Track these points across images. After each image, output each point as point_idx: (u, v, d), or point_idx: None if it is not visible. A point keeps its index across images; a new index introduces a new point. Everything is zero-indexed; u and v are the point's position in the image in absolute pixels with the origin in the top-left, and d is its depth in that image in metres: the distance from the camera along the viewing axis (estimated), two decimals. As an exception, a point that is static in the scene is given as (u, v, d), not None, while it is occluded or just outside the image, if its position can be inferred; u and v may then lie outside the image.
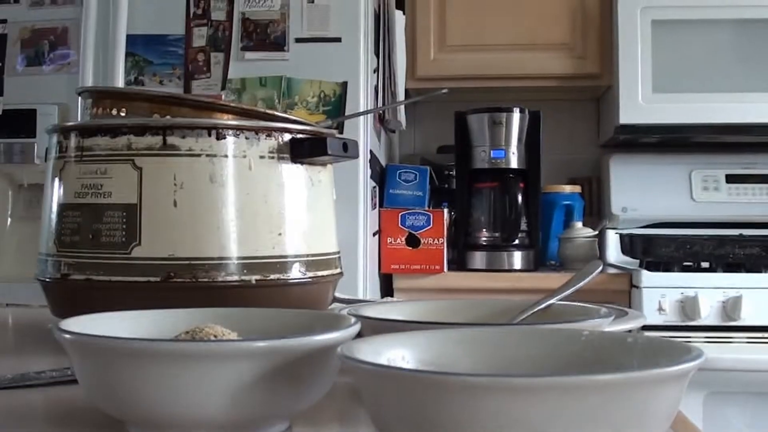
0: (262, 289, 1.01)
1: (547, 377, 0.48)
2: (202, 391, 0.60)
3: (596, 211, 3.49)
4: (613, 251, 3.28)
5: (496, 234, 3.00)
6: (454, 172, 3.13)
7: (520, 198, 2.93)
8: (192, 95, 2.69)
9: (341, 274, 1.15)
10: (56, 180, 1.06)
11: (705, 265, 2.90)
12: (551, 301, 0.88)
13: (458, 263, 3.02)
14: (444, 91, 1.59)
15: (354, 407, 0.77)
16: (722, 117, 2.95)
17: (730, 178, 3.30)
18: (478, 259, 2.99)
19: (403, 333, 0.67)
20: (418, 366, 0.62)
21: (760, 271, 2.71)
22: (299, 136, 1.06)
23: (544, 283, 2.76)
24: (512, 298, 0.99)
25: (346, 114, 2.69)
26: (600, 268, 0.94)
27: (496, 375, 0.50)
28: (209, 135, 1.00)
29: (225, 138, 1.01)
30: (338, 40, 2.76)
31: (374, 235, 2.84)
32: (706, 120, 2.97)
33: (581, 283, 0.91)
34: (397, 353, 0.62)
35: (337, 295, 1.25)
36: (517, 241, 2.98)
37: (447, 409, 0.48)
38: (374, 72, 2.90)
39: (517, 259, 2.98)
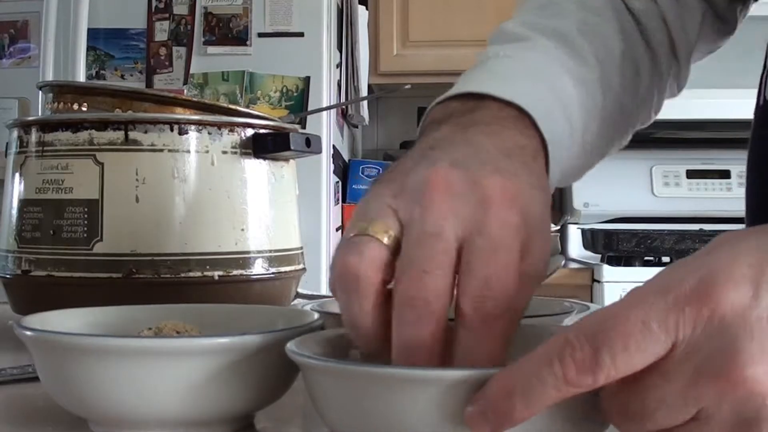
0: (225, 285, 1.01)
1: (462, 371, 0.48)
2: (164, 387, 0.60)
3: (558, 205, 3.51)
4: (575, 246, 3.30)
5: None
6: (417, 168, 3.13)
7: (482, 193, 2.94)
8: (154, 90, 2.68)
9: (304, 269, 1.14)
10: (17, 175, 1.05)
11: (666, 259, 2.93)
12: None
13: (421, 258, 3.02)
14: (407, 86, 1.59)
15: (317, 403, 0.77)
16: (683, 113, 2.97)
17: (691, 174, 3.33)
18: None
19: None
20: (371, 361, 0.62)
21: (720, 266, 2.73)
22: (262, 131, 1.06)
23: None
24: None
25: (309, 109, 2.69)
26: (562, 262, 0.95)
27: (426, 369, 0.50)
28: (171, 130, 1.00)
29: (187, 133, 1.00)
30: (301, 34, 2.76)
31: (337, 230, 2.84)
32: (667, 116, 2.99)
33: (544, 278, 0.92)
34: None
35: (300, 290, 1.25)
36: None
37: (381, 402, 0.49)
38: (337, 67, 2.90)
39: (480, 254, 2.99)
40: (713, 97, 2.98)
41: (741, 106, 3.03)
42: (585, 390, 0.45)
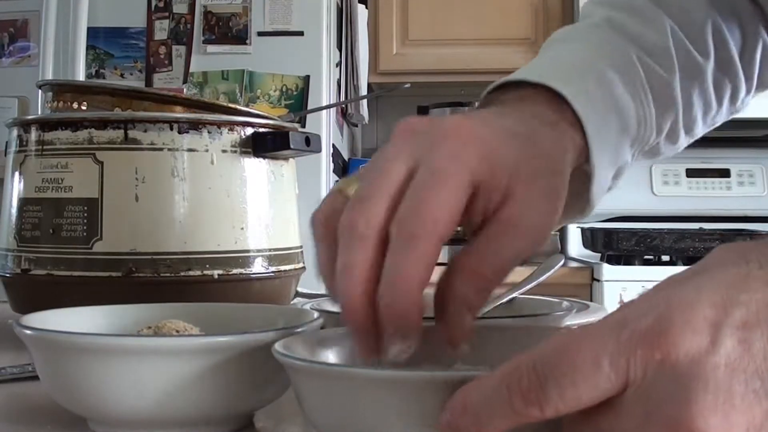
0: (225, 284, 1.01)
1: (439, 373, 0.48)
2: (163, 386, 0.60)
3: (558, 205, 3.50)
4: (575, 245, 3.30)
5: (458, 228, 3.00)
6: (416, 166, 3.13)
7: (482, 192, 2.94)
8: (154, 89, 2.68)
9: (304, 268, 1.14)
10: (16, 174, 1.05)
11: (665, 258, 2.93)
12: (513, 295, 0.88)
13: (421, 257, 3.02)
14: (406, 85, 1.59)
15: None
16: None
17: (690, 173, 3.33)
18: (441, 252, 2.99)
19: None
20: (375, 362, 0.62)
21: (720, 265, 2.73)
22: (261, 130, 1.06)
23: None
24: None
25: (309, 108, 2.69)
26: (562, 261, 0.95)
27: (404, 371, 0.49)
28: (171, 129, 1.00)
29: (187, 132, 1.00)
30: (301, 33, 2.76)
31: (337, 229, 2.83)
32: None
33: (543, 277, 0.92)
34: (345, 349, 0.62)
35: (300, 289, 1.25)
36: (479, 235, 2.99)
37: (361, 403, 0.49)
38: (337, 66, 2.90)
39: (480, 253, 2.99)
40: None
41: (741, 105, 3.03)
42: (535, 420, 0.44)
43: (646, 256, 2.93)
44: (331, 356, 0.61)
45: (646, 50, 0.77)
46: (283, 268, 1.08)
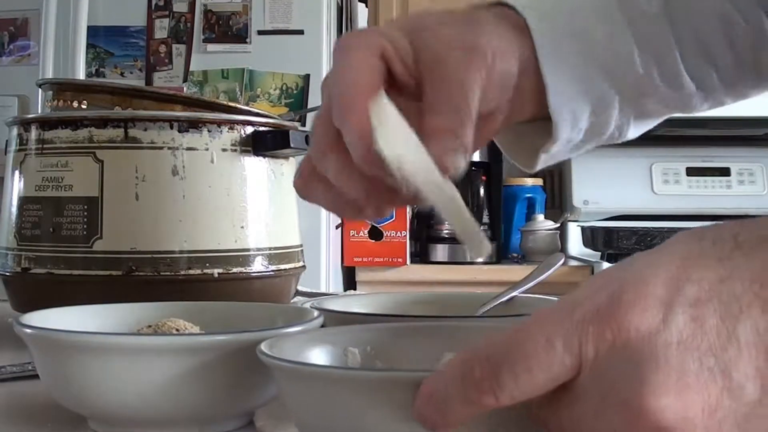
0: (225, 283, 1.01)
1: (421, 373, 0.47)
2: (162, 385, 0.60)
3: (558, 203, 3.50)
4: (575, 244, 3.30)
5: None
6: (416, 165, 3.13)
7: (482, 191, 2.94)
8: (154, 87, 2.68)
9: (304, 267, 1.14)
10: (16, 173, 1.05)
11: (665, 257, 2.92)
12: (513, 294, 0.88)
13: (421, 256, 3.02)
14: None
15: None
16: (682, 110, 2.96)
17: (691, 171, 3.33)
18: (441, 251, 3.00)
19: (355, 326, 0.67)
20: (364, 361, 0.62)
21: (720, 264, 2.73)
22: (261, 129, 1.06)
23: (506, 275, 2.78)
24: (475, 290, 0.99)
25: (309, 107, 2.69)
26: (562, 260, 0.95)
27: (386, 370, 0.50)
28: (171, 128, 1.00)
29: (187, 131, 1.00)
30: (301, 32, 2.76)
31: (337, 228, 2.83)
32: (667, 113, 2.99)
33: (543, 276, 0.92)
34: (349, 347, 0.62)
35: (300, 288, 1.25)
36: (479, 234, 2.99)
37: (344, 403, 0.49)
38: (337, 65, 2.89)
39: (480, 251, 2.99)
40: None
41: (741, 104, 3.03)
42: (493, 408, 0.43)
43: (646, 255, 2.92)
44: (319, 356, 0.60)
45: None
46: (283, 266, 1.08)
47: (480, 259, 2.98)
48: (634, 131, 0.78)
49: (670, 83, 0.74)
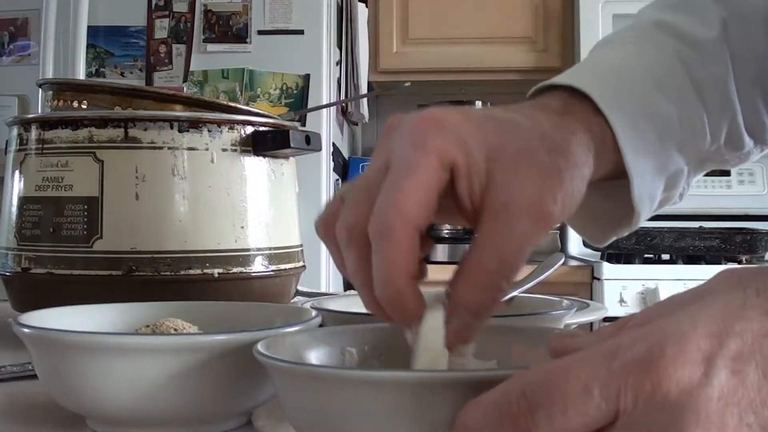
0: (225, 283, 1.01)
1: (440, 373, 0.48)
2: (161, 385, 0.60)
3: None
4: (575, 243, 3.30)
5: (459, 227, 3.01)
6: (416, 165, 3.13)
7: (482, 191, 2.94)
8: (154, 87, 2.68)
9: (304, 267, 1.14)
10: (16, 173, 1.05)
11: (665, 257, 2.93)
12: (513, 294, 0.88)
13: (421, 256, 3.02)
14: (407, 84, 1.59)
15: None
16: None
17: (691, 171, 3.33)
18: (441, 251, 3.00)
19: (353, 326, 0.67)
20: (362, 360, 0.62)
21: (720, 263, 2.74)
22: (261, 128, 1.06)
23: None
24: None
25: (309, 106, 2.69)
26: (562, 260, 0.95)
27: (382, 371, 0.49)
28: (171, 128, 1.00)
29: (187, 131, 1.00)
30: (301, 32, 2.76)
31: (337, 227, 2.83)
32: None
33: (543, 276, 0.92)
34: (347, 348, 0.62)
35: (300, 288, 1.25)
36: (479, 234, 2.99)
37: (339, 404, 0.48)
38: (337, 65, 2.90)
39: (480, 251, 2.99)
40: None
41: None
42: None
43: (646, 255, 2.93)
44: (317, 356, 0.60)
45: (693, 45, 0.73)
46: (283, 266, 1.08)
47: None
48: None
49: (734, 145, 0.76)
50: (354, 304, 0.88)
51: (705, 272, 2.68)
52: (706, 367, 0.40)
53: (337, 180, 2.91)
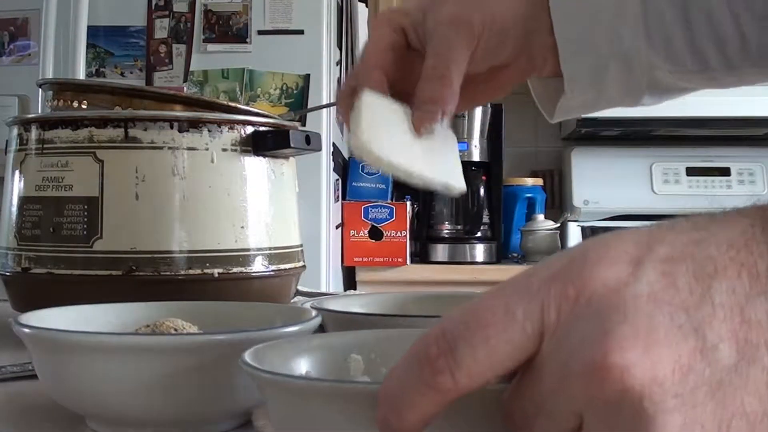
0: (225, 283, 1.01)
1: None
2: (161, 385, 0.60)
3: (558, 203, 3.51)
4: (575, 243, 3.30)
5: (459, 226, 3.01)
6: (416, 165, 3.13)
7: (482, 191, 2.94)
8: (154, 87, 2.68)
9: (304, 267, 1.14)
10: (16, 173, 1.05)
11: (665, 257, 2.92)
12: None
13: (421, 256, 3.02)
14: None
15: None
16: (682, 110, 2.96)
17: (691, 171, 3.33)
18: (441, 251, 3.00)
19: (359, 332, 0.67)
20: (368, 368, 0.61)
21: (720, 263, 2.73)
22: (262, 128, 1.06)
23: (506, 275, 2.74)
24: (475, 290, 0.99)
25: (309, 106, 2.69)
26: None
27: (365, 384, 0.48)
28: (171, 127, 1.00)
29: (187, 131, 1.00)
30: (301, 32, 2.76)
31: (337, 227, 2.83)
32: (667, 113, 2.99)
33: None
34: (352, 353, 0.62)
35: (300, 288, 1.25)
36: (479, 234, 2.99)
37: (338, 417, 0.46)
38: (337, 65, 2.89)
39: (480, 251, 2.99)
40: (712, 94, 2.97)
41: (741, 103, 3.03)
42: (452, 396, 0.39)
43: (646, 255, 2.92)
44: (317, 362, 0.60)
45: None
46: (283, 266, 1.08)
47: (480, 259, 2.99)
48: (650, 99, 0.80)
49: (677, 57, 0.75)
50: (354, 304, 0.88)
51: (705, 272, 2.68)
52: (634, 267, 0.38)
53: (337, 180, 2.91)
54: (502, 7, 0.74)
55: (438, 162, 0.71)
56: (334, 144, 2.84)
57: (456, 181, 0.71)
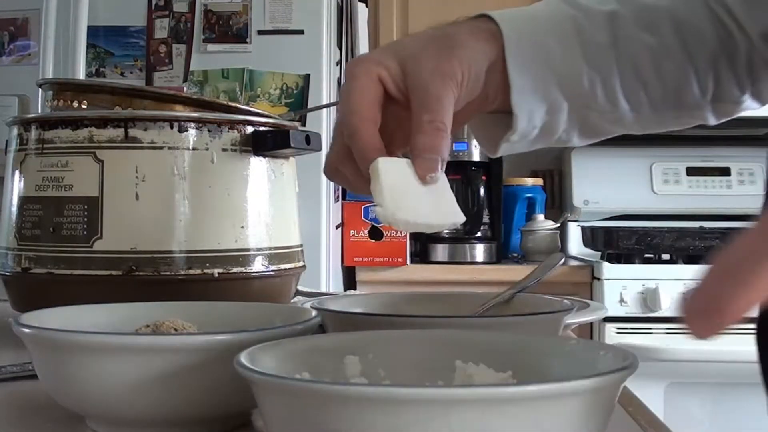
0: (225, 283, 1.01)
1: (429, 389, 0.47)
2: (161, 385, 0.60)
3: (558, 203, 3.51)
4: (575, 243, 3.30)
5: (459, 226, 3.00)
6: (416, 165, 3.13)
7: (482, 191, 2.94)
8: (154, 87, 2.68)
9: (304, 267, 1.14)
10: (17, 173, 1.05)
11: (666, 257, 2.93)
12: (513, 292, 0.88)
13: (421, 256, 3.02)
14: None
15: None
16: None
17: (691, 171, 3.33)
18: (441, 251, 3.00)
19: (357, 333, 0.67)
20: (365, 369, 0.61)
21: (720, 263, 2.73)
22: (262, 128, 1.06)
23: (507, 275, 2.78)
24: (475, 290, 0.99)
25: (309, 106, 2.69)
26: (562, 259, 0.95)
27: (376, 385, 0.48)
28: (171, 128, 1.00)
29: (187, 131, 1.00)
30: (301, 32, 2.76)
31: (337, 227, 2.83)
32: (667, 113, 2.98)
33: (544, 276, 0.92)
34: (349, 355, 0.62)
35: (300, 288, 1.25)
36: (479, 234, 2.99)
37: (332, 419, 0.46)
38: (337, 64, 2.89)
39: (480, 251, 2.99)
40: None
41: (741, 103, 3.03)
42: None
43: (646, 255, 2.92)
44: (315, 363, 0.60)
45: (585, 12, 0.86)
46: (283, 266, 1.08)
47: (480, 259, 2.99)
48: (579, 140, 0.90)
49: (610, 101, 0.86)
50: (354, 304, 0.88)
51: (705, 272, 2.67)
52: None
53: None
54: (476, 53, 0.80)
55: (442, 204, 0.76)
56: (334, 144, 2.84)
57: (458, 217, 0.77)
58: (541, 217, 3.17)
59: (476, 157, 2.99)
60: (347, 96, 0.76)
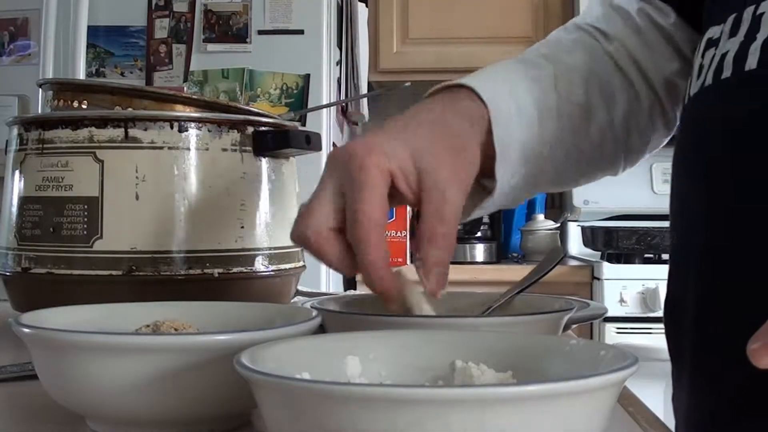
0: (225, 282, 1.01)
1: (429, 389, 0.47)
2: (161, 385, 0.60)
3: (558, 203, 3.51)
4: (575, 243, 3.30)
5: (458, 226, 3.00)
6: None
7: (482, 191, 2.94)
8: (154, 87, 2.68)
9: (304, 267, 1.14)
10: (16, 173, 1.05)
11: (666, 257, 2.92)
12: (514, 292, 0.88)
13: (421, 256, 3.02)
14: (407, 84, 1.59)
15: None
16: (683, 110, 2.95)
17: (691, 171, 3.33)
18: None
19: (357, 333, 0.67)
20: (366, 369, 0.61)
21: (720, 263, 2.73)
22: (262, 128, 1.06)
23: (507, 275, 2.78)
24: (475, 290, 0.99)
25: (309, 106, 2.69)
26: (562, 255, 0.95)
27: (376, 385, 0.47)
28: (171, 127, 1.00)
29: (187, 131, 1.00)
30: (301, 32, 2.76)
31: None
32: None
33: (545, 272, 0.92)
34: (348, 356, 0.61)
35: (300, 288, 1.25)
36: (479, 234, 3.00)
37: (332, 419, 0.46)
38: (337, 64, 2.89)
39: (480, 251, 3.00)
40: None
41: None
42: None
43: (646, 255, 2.93)
44: (315, 362, 0.60)
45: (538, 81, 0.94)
46: (283, 266, 1.08)
47: (480, 259, 2.99)
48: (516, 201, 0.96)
49: (553, 162, 0.95)
50: (354, 304, 0.88)
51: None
52: None
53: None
54: (476, 151, 0.82)
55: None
56: (334, 144, 2.85)
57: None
58: (541, 217, 3.17)
59: (476, 157, 2.99)
60: (359, 190, 0.72)
